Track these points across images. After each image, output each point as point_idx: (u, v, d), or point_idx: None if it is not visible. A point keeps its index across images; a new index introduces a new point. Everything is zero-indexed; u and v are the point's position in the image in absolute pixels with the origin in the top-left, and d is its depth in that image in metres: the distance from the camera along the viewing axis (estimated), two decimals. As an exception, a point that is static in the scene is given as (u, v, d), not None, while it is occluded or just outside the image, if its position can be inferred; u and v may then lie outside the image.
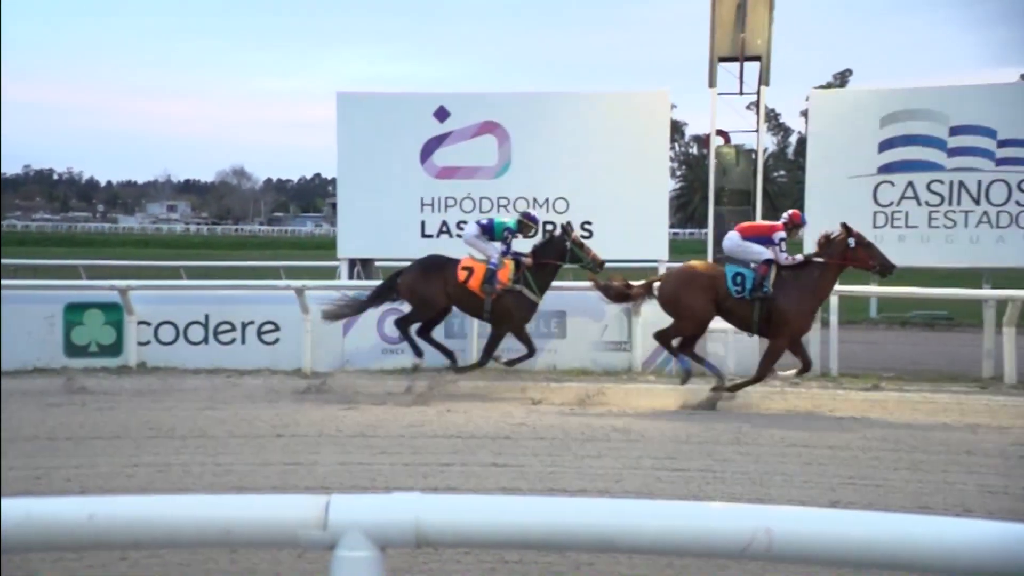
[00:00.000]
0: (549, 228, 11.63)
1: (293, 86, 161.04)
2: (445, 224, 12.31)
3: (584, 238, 11.18)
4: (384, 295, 10.64)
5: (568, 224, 10.96)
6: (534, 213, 11.32)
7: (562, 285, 11.14)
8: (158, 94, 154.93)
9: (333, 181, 21.53)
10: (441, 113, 12.37)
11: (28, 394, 9.50)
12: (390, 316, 11.15)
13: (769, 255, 9.51)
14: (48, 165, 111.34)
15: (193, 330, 11.55)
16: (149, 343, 11.45)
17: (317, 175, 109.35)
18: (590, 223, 12.03)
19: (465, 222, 11.74)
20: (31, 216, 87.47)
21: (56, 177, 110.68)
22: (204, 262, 26.76)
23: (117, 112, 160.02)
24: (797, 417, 8.82)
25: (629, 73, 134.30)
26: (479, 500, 2.98)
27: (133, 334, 11.38)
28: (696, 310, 9.54)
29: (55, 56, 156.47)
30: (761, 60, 12.46)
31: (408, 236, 12.26)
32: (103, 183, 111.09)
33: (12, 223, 71.71)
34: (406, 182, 12.31)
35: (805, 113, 19.98)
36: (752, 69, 12.62)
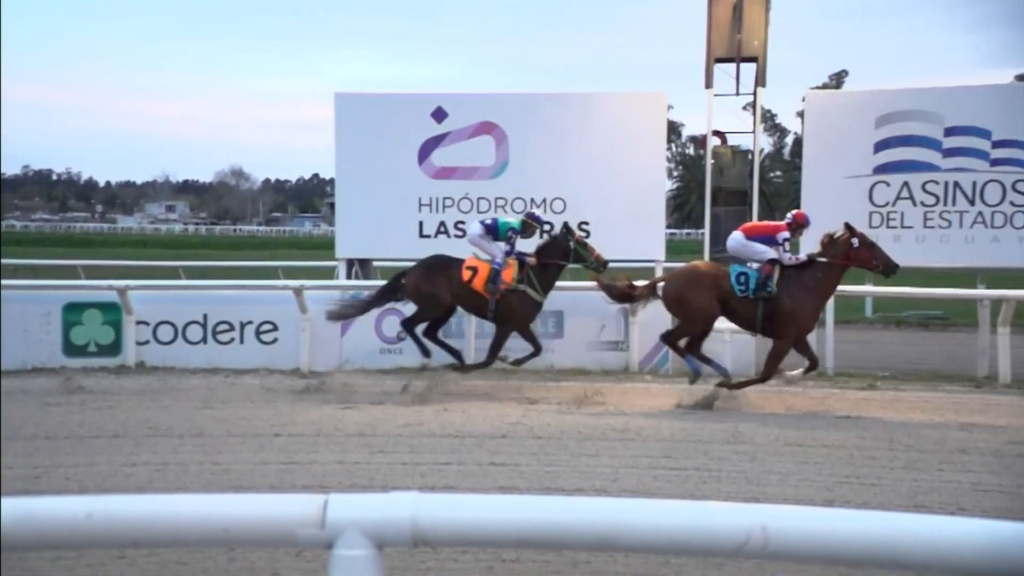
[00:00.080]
0: (547, 228, 11.64)
1: (292, 87, 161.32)
2: (443, 224, 12.30)
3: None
4: (388, 295, 10.64)
5: (567, 224, 10.96)
6: (539, 214, 11.33)
7: (560, 285, 11.14)
8: (157, 95, 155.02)
9: (331, 181, 21.51)
10: (439, 114, 12.37)
11: (27, 393, 9.51)
12: (388, 316, 11.16)
13: (773, 255, 9.53)
14: (47, 165, 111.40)
15: (191, 330, 11.56)
16: (148, 343, 11.46)
17: (315, 175, 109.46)
18: (587, 223, 12.02)
19: (463, 222, 11.77)
20: (30, 216, 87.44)
21: (55, 177, 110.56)
22: (202, 262, 26.76)
23: (116, 112, 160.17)
24: (793, 416, 8.84)
25: (626, 74, 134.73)
26: (476, 499, 3.00)
27: (132, 334, 11.38)
28: (702, 310, 9.54)
29: (55, 56, 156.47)
30: (757, 61, 12.51)
31: (406, 236, 12.25)
32: (102, 183, 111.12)
33: (11, 223, 71.60)
34: (404, 182, 12.30)
35: (801, 114, 19.99)
36: (748, 70, 12.67)
